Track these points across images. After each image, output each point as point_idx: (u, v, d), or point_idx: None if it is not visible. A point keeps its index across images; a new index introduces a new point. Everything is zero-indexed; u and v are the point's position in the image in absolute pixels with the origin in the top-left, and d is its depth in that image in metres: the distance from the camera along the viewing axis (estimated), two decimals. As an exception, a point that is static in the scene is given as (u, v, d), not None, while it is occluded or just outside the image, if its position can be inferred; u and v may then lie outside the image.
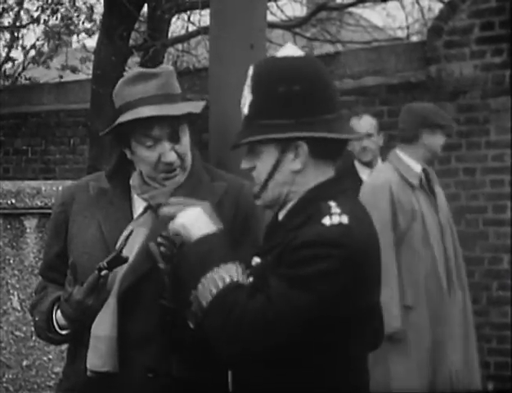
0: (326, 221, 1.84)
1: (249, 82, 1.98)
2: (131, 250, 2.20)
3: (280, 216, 2.01)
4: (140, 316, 2.18)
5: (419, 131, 4.37)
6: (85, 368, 2.20)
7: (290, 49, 2.01)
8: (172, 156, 2.22)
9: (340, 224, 1.84)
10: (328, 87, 1.98)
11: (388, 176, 4.39)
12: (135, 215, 2.29)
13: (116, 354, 2.16)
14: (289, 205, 1.98)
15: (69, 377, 2.32)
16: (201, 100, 2.37)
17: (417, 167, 4.37)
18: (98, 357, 2.16)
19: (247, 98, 1.97)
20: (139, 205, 2.30)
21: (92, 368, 2.17)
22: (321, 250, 1.80)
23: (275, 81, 1.93)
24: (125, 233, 2.19)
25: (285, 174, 1.95)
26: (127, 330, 2.18)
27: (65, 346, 3.66)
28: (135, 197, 2.32)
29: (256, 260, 2.00)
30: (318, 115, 1.92)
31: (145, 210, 2.27)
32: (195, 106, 2.27)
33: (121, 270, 2.19)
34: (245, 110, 1.98)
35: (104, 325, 2.17)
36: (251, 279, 1.95)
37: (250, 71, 1.99)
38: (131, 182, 2.31)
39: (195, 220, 1.96)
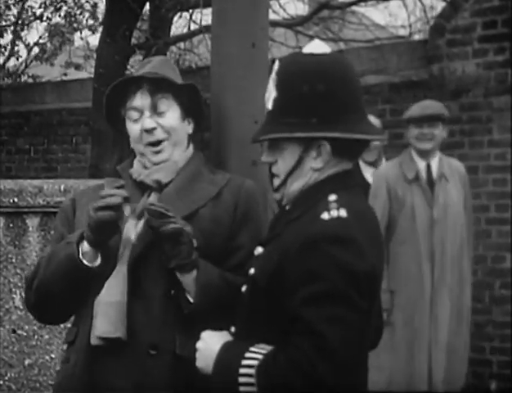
0: (325, 216, 1.85)
1: (274, 77, 1.98)
2: (136, 227, 2.25)
3: (288, 206, 2.02)
4: (145, 290, 2.20)
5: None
6: (86, 343, 2.19)
7: (317, 46, 2.00)
8: (149, 123, 2.32)
9: (339, 218, 1.84)
10: (353, 86, 1.97)
11: (388, 168, 4.85)
12: None
13: (125, 321, 2.16)
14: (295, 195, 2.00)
15: (69, 358, 2.30)
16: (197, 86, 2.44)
17: (421, 163, 4.72)
18: (109, 323, 2.16)
19: (271, 93, 1.97)
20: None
21: (101, 335, 2.16)
22: (325, 248, 1.80)
23: (300, 79, 1.92)
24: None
25: (305, 171, 1.96)
26: (131, 303, 2.18)
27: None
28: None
29: (258, 250, 2.01)
30: (342, 115, 1.92)
31: (150, 193, 2.33)
32: (179, 80, 2.40)
33: (130, 243, 2.23)
34: (269, 105, 1.98)
35: (114, 291, 2.18)
36: (252, 270, 1.96)
37: (276, 66, 1.99)
38: (130, 170, 2.39)
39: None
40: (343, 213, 1.85)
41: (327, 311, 1.76)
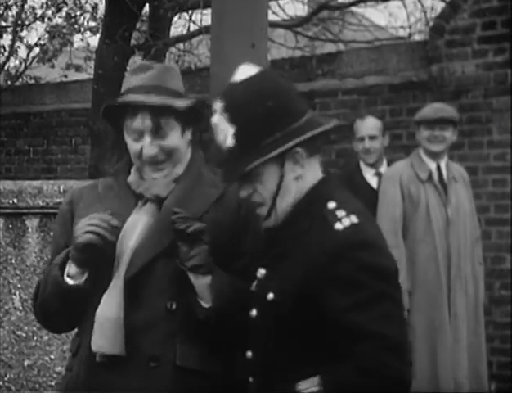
0: (338, 226, 1.87)
1: (221, 115, 1.98)
2: (131, 237, 2.22)
3: (280, 223, 2.01)
4: (145, 303, 2.19)
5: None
6: (88, 356, 2.19)
7: (246, 70, 2.03)
8: (151, 151, 2.25)
9: (353, 224, 1.87)
10: (294, 91, 2.05)
11: (401, 168, 4.83)
12: None
13: (123, 337, 2.16)
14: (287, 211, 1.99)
15: (72, 368, 2.31)
16: (198, 99, 2.37)
17: (432, 164, 4.74)
18: (105, 339, 2.16)
19: (227, 130, 1.97)
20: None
21: (98, 350, 2.17)
22: (357, 254, 1.83)
23: (250, 104, 1.96)
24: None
25: (289, 185, 1.98)
26: (131, 316, 2.17)
27: (66, 346, 3.66)
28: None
29: (261, 272, 2.00)
30: (299, 117, 1.97)
31: (146, 201, 2.30)
32: (182, 102, 2.27)
33: (126, 254, 2.21)
34: (228, 142, 1.98)
35: (111, 308, 2.17)
36: (271, 295, 1.94)
37: (218, 104, 1.99)
38: (128, 179, 2.35)
39: None
40: (354, 219, 1.88)
41: (378, 312, 1.81)
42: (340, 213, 1.89)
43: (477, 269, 4.76)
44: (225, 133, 1.98)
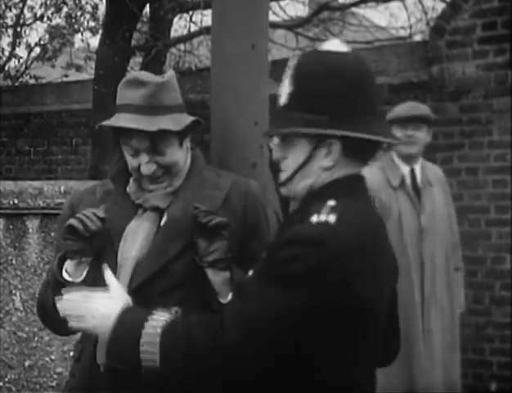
0: (313, 219, 1.82)
1: (290, 72, 1.96)
2: (133, 244, 2.22)
3: (293, 209, 2.01)
4: (154, 306, 2.19)
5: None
6: (91, 363, 2.20)
7: (335, 44, 2.01)
8: (149, 169, 2.24)
9: (326, 223, 1.81)
10: (368, 87, 1.95)
11: (370, 175, 4.51)
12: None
13: None
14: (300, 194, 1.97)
15: (75, 374, 2.32)
16: (194, 116, 2.32)
17: (405, 168, 4.47)
18: None
19: (286, 88, 1.96)
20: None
21: (104, 365, 2.17)
22: (300, 248, 1.78)
23: (314, 76, 1.91)
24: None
25: (314, 169, 1.93)
26: None
27: (67, 347, 3.67)
28: None
29: (263, 255, 2.00)
30: (354, 115, 1.90)
31: (146, 210, 2.30)
32: (177, 123, 2.24)
33: (129, 263, 2.21)
34: (283, 99, 1.96)
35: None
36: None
37: (293, 61, 1.97)
38: (127, 189, 2.34)
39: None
40: (332, 219, 1.81)
41: (261, 288, 1.79)
42: (326, 210, 1.84)
43: (452, 278, 4.52)
44: (284, 89, 1.97)
